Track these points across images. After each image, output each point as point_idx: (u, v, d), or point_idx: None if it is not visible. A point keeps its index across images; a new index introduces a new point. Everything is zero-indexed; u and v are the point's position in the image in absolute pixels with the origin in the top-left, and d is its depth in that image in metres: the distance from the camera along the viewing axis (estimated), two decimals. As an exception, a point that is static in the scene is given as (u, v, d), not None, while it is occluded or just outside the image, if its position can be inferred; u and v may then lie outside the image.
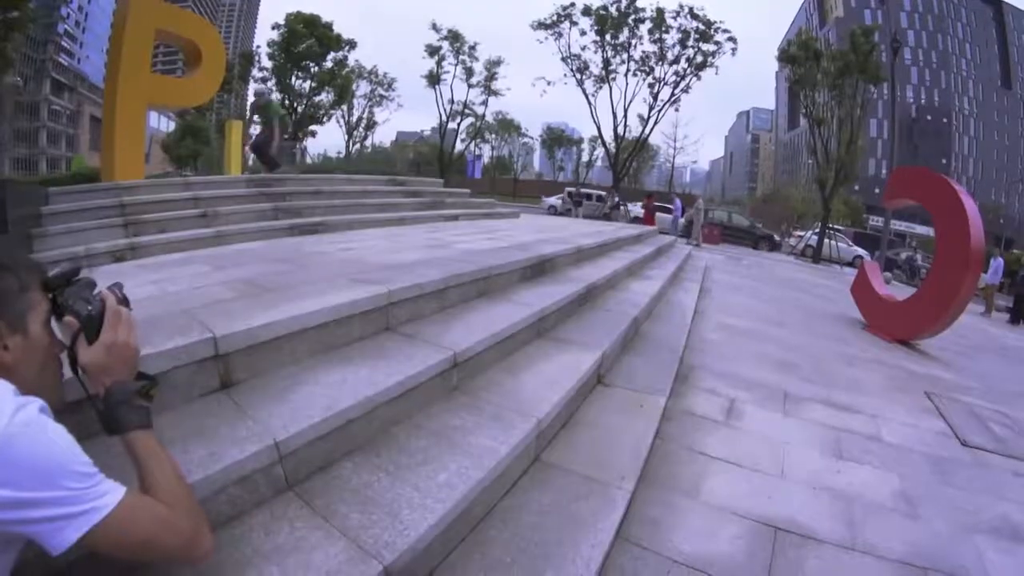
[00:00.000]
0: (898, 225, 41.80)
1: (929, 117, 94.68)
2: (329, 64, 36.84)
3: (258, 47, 38.21)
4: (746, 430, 3.15)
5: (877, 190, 55.77)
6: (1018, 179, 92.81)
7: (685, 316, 4.73)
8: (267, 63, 35.59)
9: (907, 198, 7.81)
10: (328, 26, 35.73)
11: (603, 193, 28.42)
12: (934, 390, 5.19)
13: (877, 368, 5.54)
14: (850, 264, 22.78)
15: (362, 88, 44.75)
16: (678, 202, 22.81)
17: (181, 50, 7.69)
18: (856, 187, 61.38)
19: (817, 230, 25.39)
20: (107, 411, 1.09)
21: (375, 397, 1.79)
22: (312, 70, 36.24)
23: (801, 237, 27.38)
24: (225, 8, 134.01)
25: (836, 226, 27.22)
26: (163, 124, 44.67)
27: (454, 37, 38.53)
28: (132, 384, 1.14)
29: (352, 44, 37.68)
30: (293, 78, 34.83)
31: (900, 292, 8.00)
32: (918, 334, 7.11)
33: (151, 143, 42.47)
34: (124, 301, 1.21)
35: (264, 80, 34.88)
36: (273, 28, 34.70)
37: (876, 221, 41.88)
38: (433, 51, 38.35)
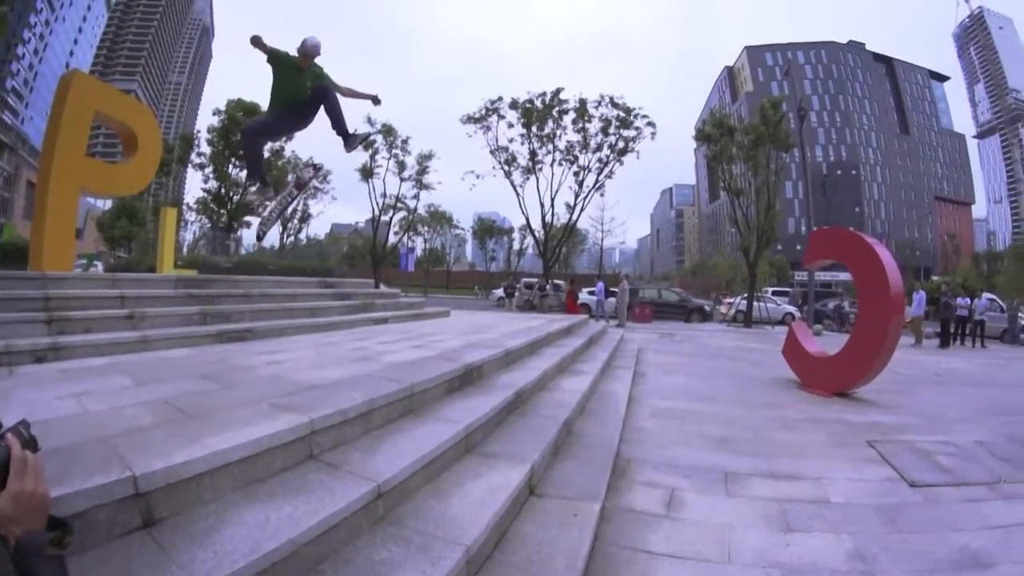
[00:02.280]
0: (823, 276, 44.00)
1: (839, 171, 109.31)
2: (266, 154, 36.26)
3: (198, 131, 37.31)
4: (689, 520, 3.17)
5: (799, 246, 58.92)
6: (927, 212, 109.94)
7: (619, 407, 4.81)
8: (206, 148, 34.93)
9: (826, 257, 8.35)
10: (266, 116, 35.76)
11: (547, 281, 29.38)
12: (876, 437, 5.38)
13: (816, 427, 5.72)
14: (781, 322, 23.90)
15: None
16: (600, 285, 23.89)
17: (119, 134, 7.56)
18: (779, 247, 66.21)
19: (745, 295, 26.70)
20: (19, 565, 1.06)
21: (298, 538, 1.79)
22: (249, 159, 36.00)
23: (731, 304, 28.61)
24: (171, 87, 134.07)
25: (783, 287, 28.89)
26: (100, 200, 43.67)
27: (387, 131, 39.53)
28: (44, 534, 1.10)
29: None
30: (230, 166, 34.13)
31: (832, 340, 8.35)
32: (853, 384, 7.46)
33: (87, 219, 41.37)
34: (31, 443, 1.18)
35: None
36: (214, 114, 34.38)
37: (801, 276, 43.94)
38: (367, 144, 39.01)
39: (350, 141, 6.48)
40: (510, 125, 35.39)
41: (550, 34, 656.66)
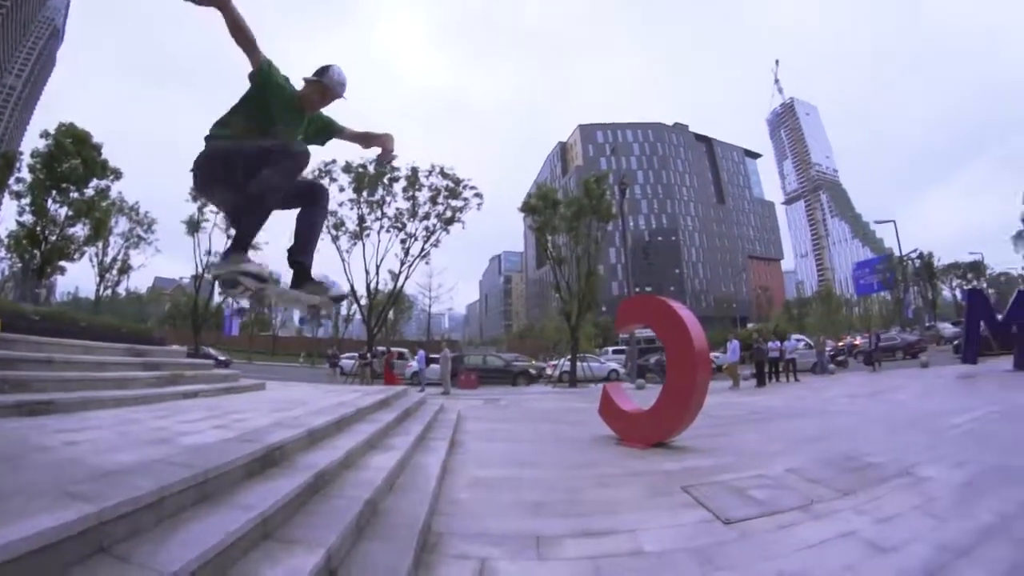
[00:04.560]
0: (645, 332, 47.43)
1: (660, 238, 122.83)
2: (90, 192, 33.59)
3: (21, 153, 33.40)
4: None
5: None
6: (741, 269, 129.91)
7: (429, 481, 4.89)
8: (27, 174, 31.28)
9: (635, 322, 9.17)
10: (98, 148, 32.82)
11: (370, 350, 29.29)
12: (692, 482, 5.77)
13: (633, 481, 6.05)
14: (606, 379, 25.23)
15: (121, 225, 41.88)
16: (421, 353, 24.16)
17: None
18: (603, 308, 71.29)
19: (569, 357, 28.96)
20: None
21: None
22: (71, 195, 32.36)
23: (556, 366, 30.10)
24: (3, 90, 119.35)
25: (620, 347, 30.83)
26: None
27: None
28: None
29: (118, 174, 34.93)
30: (50, 201, 30.98)
31: (655, 392, 9.06)
32: (669, 435, 8.09)
33: None
34: None
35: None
36: (41, 136, 31.18)
37: (626, 335, 46.75)
38: (196, 196, 37.10)
39: (313, 286, 3.95)
40: (341, 189, 35.54)
41: (402, 97, 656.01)
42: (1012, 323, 18.88)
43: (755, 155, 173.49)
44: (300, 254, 3.92)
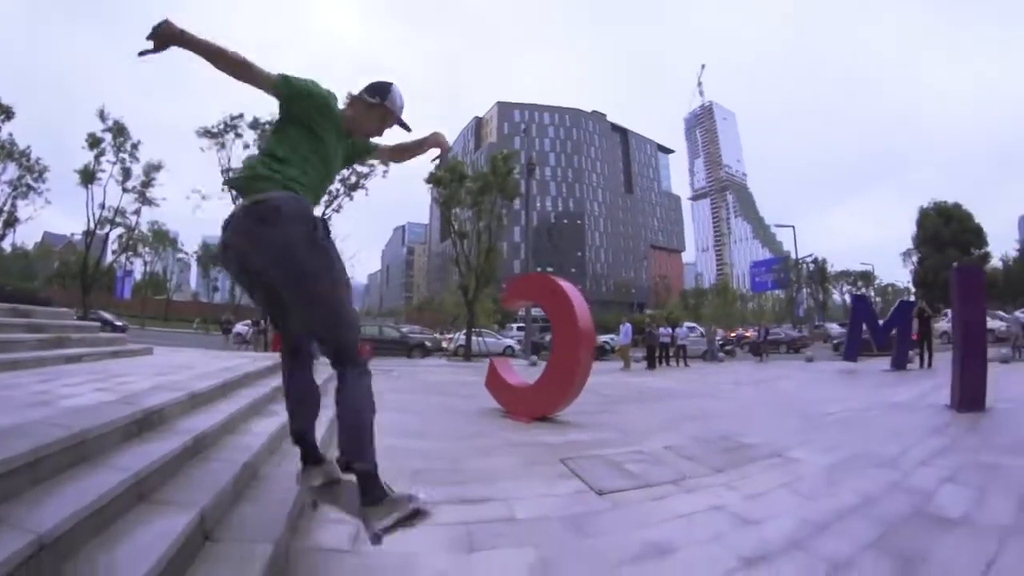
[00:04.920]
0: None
1: (566, 220, 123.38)
2: None
3: None
4: (374, 551, 3.26)
5: (525, 288, 64.22)
6: (642, 257, 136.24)
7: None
8: None
9: (523, 299, 9.37)
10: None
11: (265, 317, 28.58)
12: (571, 455, 6.02)
13: (513, 452, 6.29)
14: (501, 354, 25.44)
15: (9, 172, 38.53)
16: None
17: None
18: (504, 285, 71.35)
19: (465, 332, 29.60)
20: None
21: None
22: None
23: (452, 339, 30.28)
24: None
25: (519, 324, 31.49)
26: None
27: (118, 131, 35.80)
28: None
29: (8, 113, 32.83)
30: None
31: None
32: (552, 409, 8.37)
33: None
34: None
35: None
36: None
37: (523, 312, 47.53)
38: (95, 142, 35.05)
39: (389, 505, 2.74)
40: (246, 146, 33.69)
41: (325, 52, 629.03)
42: (891, 328, 21.05)
43: (668, 150, 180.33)
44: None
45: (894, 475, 5.77)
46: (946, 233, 60.52)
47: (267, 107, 31.82)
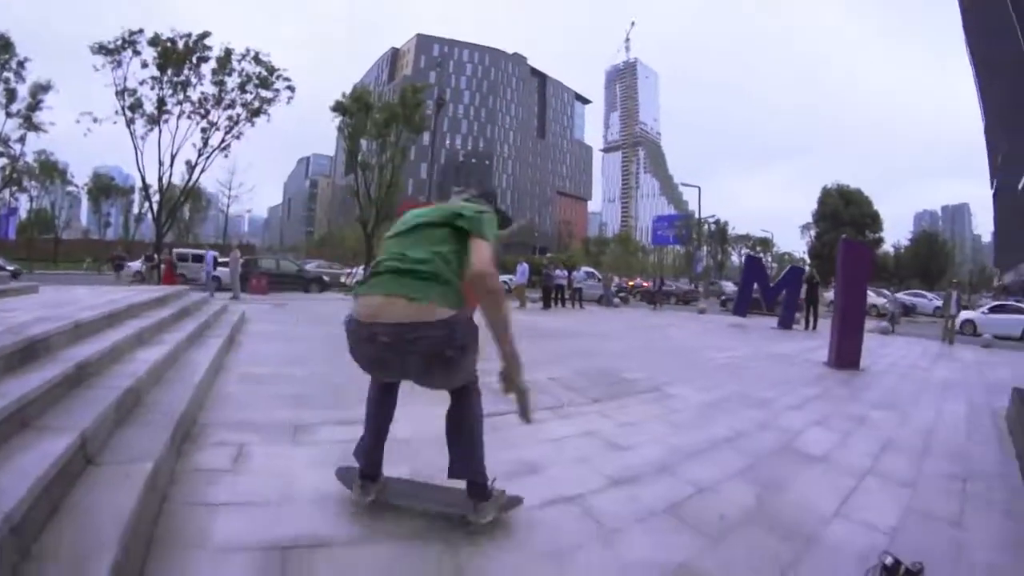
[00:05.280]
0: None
1: (474, 160, 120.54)
2: None
3: None
4: (253, 470, 3.49)
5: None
6: (547, 202, 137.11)
7: (196, 375, 4.94)
8: None
9: None
10: None
11: (158, 251, 27.44)
12: None
13: None
14: None
15: None
16: (209, 254, 23.17)
17: None
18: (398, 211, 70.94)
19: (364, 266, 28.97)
20: None
21: None
22: None
23: (352, 273, 29.96)
24: None
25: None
26: None
27: (2, 46, 32.94)
28: None
29: None
30: None
31: None
32: None
33: None
34: None
35: None
36: None
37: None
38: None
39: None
40: (144, 65, 31.76)
41: None
42: (781, 289, 22.47)
43: (585, 100, 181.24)
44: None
45: (766, 415, 6.27)
46: (845, 214, 64.35)
47: (169, 23, 30.15)
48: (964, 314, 24.10)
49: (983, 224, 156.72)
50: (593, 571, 2.76)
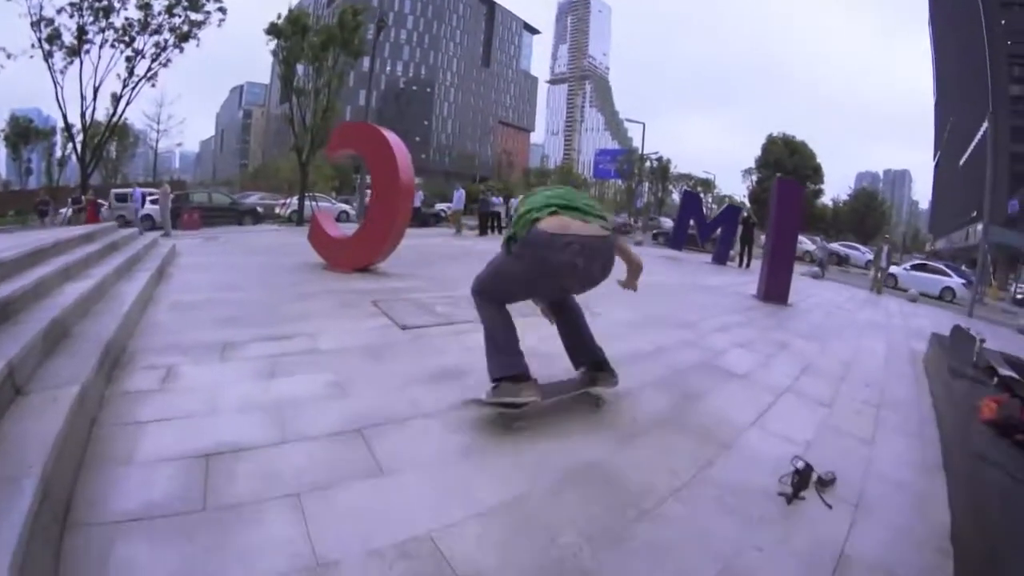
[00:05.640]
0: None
1: (415, 87, 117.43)
2: None
3: None
4: (181, 388, 3.61)
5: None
6: (488, 131, 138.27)
7: (125, 305, 4.99)
8: None
9: (346, 149, 9.44)
10: None
11: (83, 193, 26.66)
12: (384, 298, 6.44)
13: (327, 296, 6.62)
14: (338, 219, 25.35)
15: None
16: (137, 191, 22.75)
17: None
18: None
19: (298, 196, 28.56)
20: None
21: None
22: None
23: (286, 204, 29.47)
24: None
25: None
26: None
27: None
28: None
29: None
30: None
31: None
32: (372, 260, 8.82)
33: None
34: None
35: None
36: None
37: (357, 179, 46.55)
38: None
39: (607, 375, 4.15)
40: None
41: None
42: (717, 226, 23.02)
43: (534, 31, 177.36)
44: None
45: (690, 335, 6.69)
46: (788, 163, 65.41)
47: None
48: (892, 267, 25.32)
49: (922, 192, 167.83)
50: (503, 466, 3.01)
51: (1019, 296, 34.39)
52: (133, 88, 31.60)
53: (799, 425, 4.19)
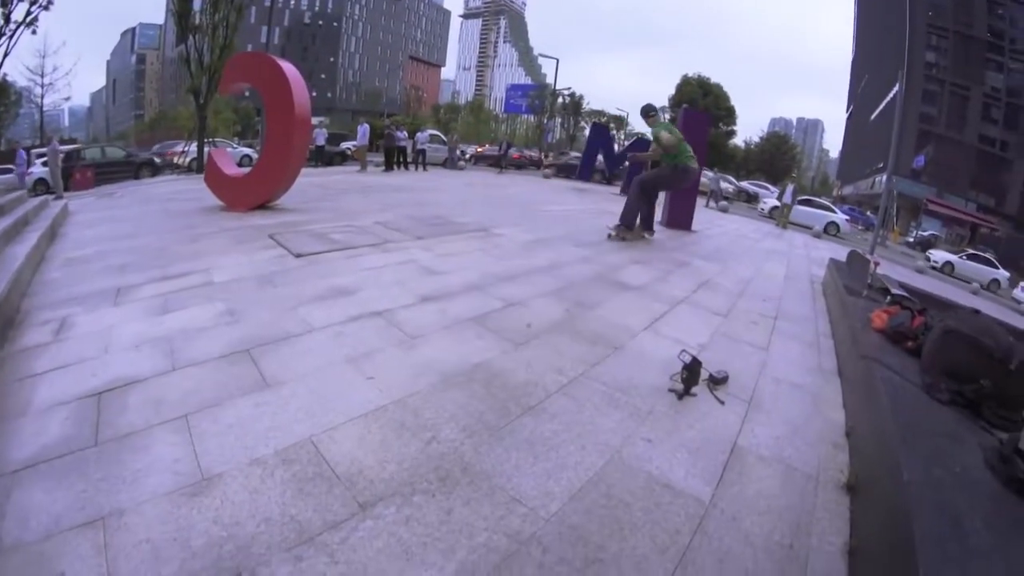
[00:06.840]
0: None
1: (321, 23, 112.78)
2: None
3: None
4: (75, 336, 3.65)
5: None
6: (398, 67, 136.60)
7: (13, 265, 4.89)
8: None
9: (241, 81, 9.22)
10: None
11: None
12: (281, 232, 6.54)
13: (223, 235, 6.67)
14: (239, 164, 24.72)
15: None
16: (22, 153, 21.82)
17: None
18: (246, 93, 66.23)
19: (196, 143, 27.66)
20: None
21: None
22: None
23: (185, 152, 28.58)
24: None
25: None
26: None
27: None
28: None
29: None
30: None
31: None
32: (269, 196, 8.81)
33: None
34: None
35: None
36: None
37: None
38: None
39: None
40: None
41: None
42: (624, 159, 24.07)
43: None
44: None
45: (588, 253, 7.01)
46: (701, 103, 65.53)
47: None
48: (776, 202, 26.11)
49: (833, 142, 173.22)
50: (389, 370, 3.18)
51: (915, 239, 38.02)
52: (11, 37, 28.82)
53: (693, 331, 4.43)
